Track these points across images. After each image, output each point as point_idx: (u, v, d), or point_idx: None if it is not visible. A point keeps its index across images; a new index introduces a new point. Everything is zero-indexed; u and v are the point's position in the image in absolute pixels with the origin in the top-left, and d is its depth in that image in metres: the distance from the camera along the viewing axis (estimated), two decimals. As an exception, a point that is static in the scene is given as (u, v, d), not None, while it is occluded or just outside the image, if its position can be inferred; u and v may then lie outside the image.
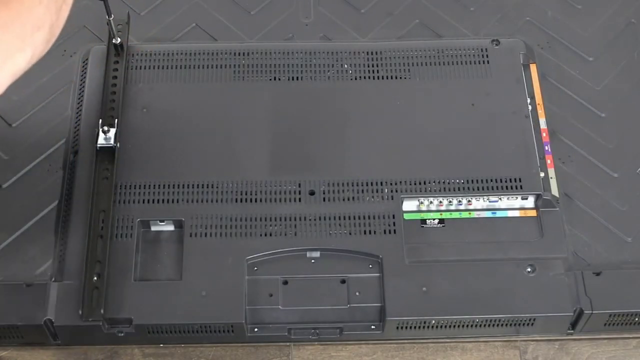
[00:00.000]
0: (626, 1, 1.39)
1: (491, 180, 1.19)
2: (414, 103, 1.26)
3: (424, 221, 1.18)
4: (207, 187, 1.18)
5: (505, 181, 1.19)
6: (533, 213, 1.18)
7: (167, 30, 1.36)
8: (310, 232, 1.15)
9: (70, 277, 1.12)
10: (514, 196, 1.18)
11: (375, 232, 1.16)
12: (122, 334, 1.11)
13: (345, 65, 1.29)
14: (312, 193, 1.18)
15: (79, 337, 1.13)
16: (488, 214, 1.18)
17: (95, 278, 1.10)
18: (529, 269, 1.13)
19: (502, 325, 1.13)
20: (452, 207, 1.19)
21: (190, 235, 1.15)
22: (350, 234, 1.15)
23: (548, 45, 1.34)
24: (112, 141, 1.19)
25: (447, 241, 1.16)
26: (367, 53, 1.30)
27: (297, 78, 1.28)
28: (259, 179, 1.19)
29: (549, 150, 1.23)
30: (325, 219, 1.16)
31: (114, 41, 1.28)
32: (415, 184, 1.19)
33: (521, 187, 1.18)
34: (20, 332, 1.11)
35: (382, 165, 1.20)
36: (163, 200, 1.17)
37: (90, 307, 1.09)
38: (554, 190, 1.20)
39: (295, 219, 1.16)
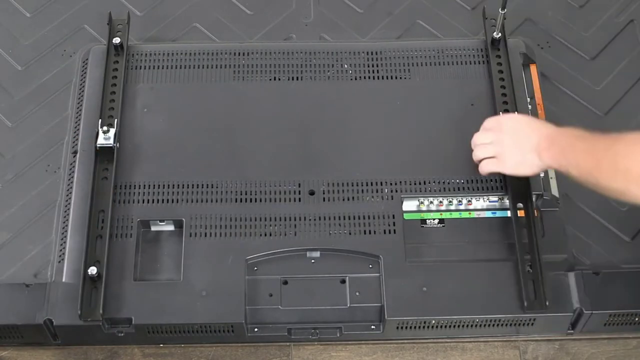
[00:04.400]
0: (626, 1, 1.39)
1: (491, 180, 1.19)
2: (414, 103, 1.26)
3: (424, 221, 1.18)
4: (207, 187, 1.18)
5: (505, 181, 1.19)
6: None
7: (167, 30, 1.36)
8: (310, 232, 1.15)
9: (70, 277, 1.12)
10: (514, 196, 1.18)
11: (375, 232, 1.16)
12: (122, 334, 1.11)
13: (345, 65, 1.29)
14: (312, 193, 1.18)
15: (79, 337, 1.13)
16: (488, 214, 1.18)
17: (95, 278, 1.10)
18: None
19: (502, 325, 1.13)
20: (452, 207, 1.19)
21: (190, 235, 1.15)
22: (350, 234, 1.15)
23: (548, 45, 1.34)
24: (112, 141, 1.19)
25: (447, 241, 1.16)
26: (367, 53, 1.30)
27: (297, 78, 1.28)
28: (259, 179, 1.19)
29: (549, 150, 1.23)
30: (325, 219, 1.16)
31: (114, 41, 1.28)
32: (415, 184, 1.19)
33: (521, 187, 1.19)
34: (20, 332, 1.12)
35: (382, 165, 1.20)
36: (163, 200, 1.17)
37: (89, 307, 1.09)
38: (554, 190, 1.20)
39: (295, 219, 1.16)
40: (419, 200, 1.18)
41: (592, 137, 1.01)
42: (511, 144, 1.11)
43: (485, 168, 1.14)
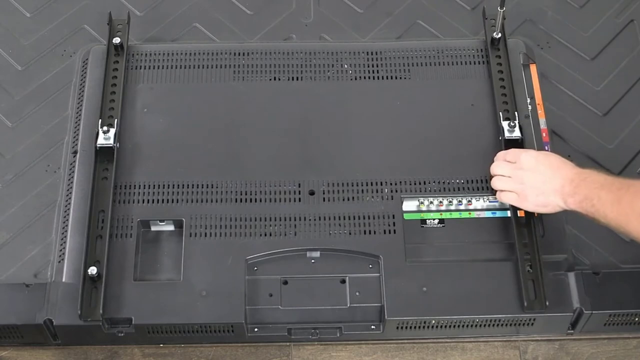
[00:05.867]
0: (626, 1, 1.39)
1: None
2: (414, 103, 1.26)
3: (424, 221, 1.18)
4: (207, 187, 1.18)
5: (505, 181, 1.19)
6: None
7: (167, 30, 1.36)
8: (310, 232, 1.15)
9: (70, 277, 1.12)
10: (514, 196, 1.18)
11: (375, 232, 1.16)
12: (122, 334, 1.11)
13: (345, 65, 1.29)
14: (312, 193, 1.18)
15: (79, 337, 1.13)
16: (488, 214, 1.18)
17: (95, 278, 1.10)
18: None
19: (502, 325, 1.13)
20: (452, 207, 1.19)
21: (190, 235, 1.15)
22: (350, 234, 1.15)
23: (548, 45, 1.34)
24: (112, 141, 1.19)
25: (447, 241, 1.16)
26: (367, 53, 1.30)
27: (297, 78, 1.28)
28: (259, 179, 1.19)
29: (549, 150, 1.23)
30: (325, 219, 1.16)
31: (114, 41, 1.28)
32: (415, 184, 1.19)
33: (521, 187, 1.18)
34: (20, 332, 1.12)
35: (382, 165, 1.20)
36: (163, 200, 1.17)
37: (89, 307, 1.09)
38: (554, 190, 1.20)
39: (295, 219, 1.16)
40: (419, 200, 1.18)
41: (615, 186, 1.03)
42: (532, 183, 1.11)
43: (504, 199, 1.15)
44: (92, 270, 1.09)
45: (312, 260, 1.14)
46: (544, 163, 1.11)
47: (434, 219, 1.18)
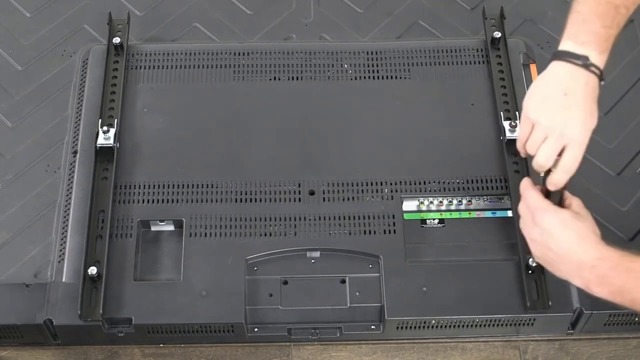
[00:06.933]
0: (626, 1, 1.39)
1: (491, 180, 1.19)
2: (414, 103, 1.26)
3: (424, 221, 1.18)
4: (207, 187, 1.18)
5: (506, 181, 1.19)
6: (533, 213, 1.18)
7: (167, 30, 1.36)
8: (310, 232, 1.15)
9: (70, 277, 1.12)
10: (514, 196, 1.18)
11: (375, 232, 1.16)
12: (122, 334, 1.11)
13: (345, 65, 1.29)
14: (312, 193, 1.18)
15: (79, 337, 1.13)
16: (488, 214, 1.18)
17: (95, 278, 1.10)
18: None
19: (502, 325, 1.13)
20: (452, 207, 1.19)
21: (190, 235, 1.15)
22: (350, 234, 1.15)
23: (548, 45, 1.34)
24: (111, 141, 1.19)
25: (447, 241, 1.16)
26: (367, 53, 1.30)
27: (297, 78, 1.28)
28: (259, 179, 1.19)
29: (549, 150, 1.23)
30: (325, 219, 1.16)
31: (114, 41, 1.28)
32: (415, 184, 1.19)
33: (521, 187, 1.18)
34: (20, 332, 1.12)
35: (382, 165, 1.20)
36: (163, 200, 1.17)
37: (89, 307, 1.09)
38: (554, 190, 1.20)
39: (295, 219, 1.16)
40: (419, 200, 1.18)
41: None
42: (542, 252, 1.01)
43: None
44: (92, 270, 1.09)
45: (312, 260, 1.14)
46: (561, 236, 0.99)
47: (434, 219, 1.18)
